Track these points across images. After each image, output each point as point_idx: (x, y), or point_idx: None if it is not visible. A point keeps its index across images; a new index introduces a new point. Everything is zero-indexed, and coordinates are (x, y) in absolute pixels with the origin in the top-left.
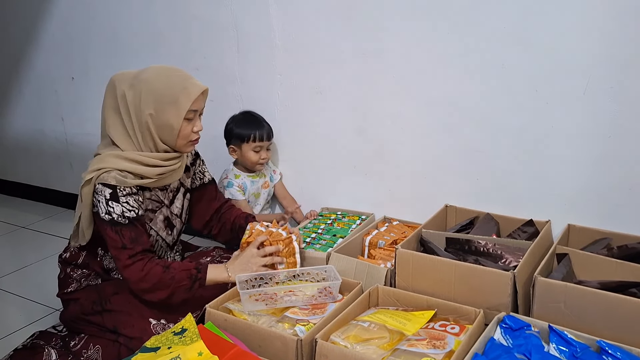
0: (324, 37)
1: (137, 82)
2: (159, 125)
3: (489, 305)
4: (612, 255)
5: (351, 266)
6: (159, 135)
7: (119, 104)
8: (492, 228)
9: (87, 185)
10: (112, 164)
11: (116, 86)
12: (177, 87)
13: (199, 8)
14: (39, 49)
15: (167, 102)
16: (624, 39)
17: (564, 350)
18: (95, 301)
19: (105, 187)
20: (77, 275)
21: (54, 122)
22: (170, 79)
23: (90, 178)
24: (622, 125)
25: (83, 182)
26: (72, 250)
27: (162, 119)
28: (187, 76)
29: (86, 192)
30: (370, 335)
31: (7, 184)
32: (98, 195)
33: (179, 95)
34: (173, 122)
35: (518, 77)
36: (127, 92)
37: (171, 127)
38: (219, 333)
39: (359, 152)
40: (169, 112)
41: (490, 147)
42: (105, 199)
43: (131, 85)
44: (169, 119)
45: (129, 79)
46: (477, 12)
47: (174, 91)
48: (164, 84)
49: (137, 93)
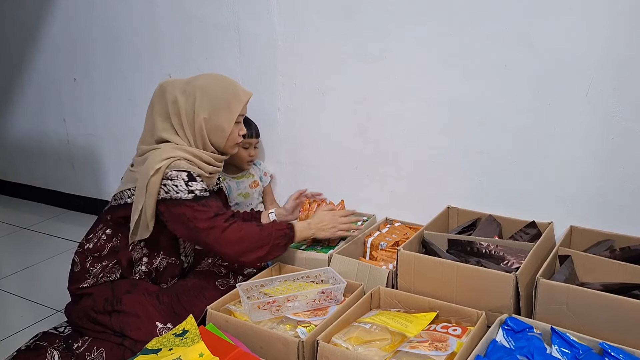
0: (326, 38)
1: (190, 88)
2: (211, 128)
3: (491, 307)
4: (615, 257)
5: (353, 268)
6: (210, 138)
7: (169, 109)
8: (495, 230)
9: (156, 174)
10: (179, 154)
11: (167, 92)
12: (229, 93)
13: (201, 9)
14: (40, 50)
15: (220, 106)
16: (626, 40)
17: (567, 353)
18: (107, 298)
19: (179, 171)
20: (96, 270)
21: (55, 123)
22: (222, 85)
23: (159, 167)
24: (625, 126)
25: (153, 172)
26: (98, 241)
27: (215, 122)
28: (236, 83)
29: (154, 182)
30: (372, 337)
31: (8, 185)
32: (174, 181)
33: (231, 101)
34: (225, 125)
35: (520, 78)
36: (179, 98)
37: (223, 130)
38: (220, 334)
39: (360, 153)
40: (222, 116)
41: (493, 149)
42: (184, 180)
43: (184, 91)
44: (222, 123)
45: (180, 86)
46: (479, 13)
47: (227, 96)
48: (218, 89)
49: (190, 98)
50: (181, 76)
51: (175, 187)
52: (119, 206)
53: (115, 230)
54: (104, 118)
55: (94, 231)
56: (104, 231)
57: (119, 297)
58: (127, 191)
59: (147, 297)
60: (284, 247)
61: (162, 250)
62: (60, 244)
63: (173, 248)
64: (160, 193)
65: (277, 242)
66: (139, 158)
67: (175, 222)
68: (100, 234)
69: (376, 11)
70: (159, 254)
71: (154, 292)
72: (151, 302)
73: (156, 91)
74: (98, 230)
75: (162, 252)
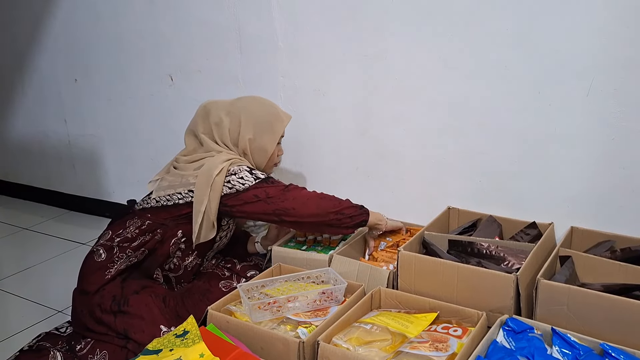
0: (327, 39)
1: (234, 109)
2: (255, 148)
3: (491, 307)
4: (616, 257)
5: (353, 268)
6: (253, 158)
7: (212, 129)
8: (495, 230)
9: (220, 174)
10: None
11: (211, 113)
12: (272, 115)
13: (202, 10)
14: (42, 50)
15: (264, 128)
16: (627, 41)
17: (567, 353)
18: (115, 296)
19: (241, 166)
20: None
21: (56, 124)
22: (265, 108)
23: (222, 167)
24: (626, 127)
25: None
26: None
27: (259, 143)
28: (277, 105)
29: (218, 181)
30: (373, 337)
31: (9, 185)
32: (238, 174)
33: (274, 123)
34: (268, 146)
35: (521, 79)
36: (224, 118)
37: (266, 150)
38: (221, 335)
39: (361, 154)
40: (265, 137)
41: (493, 149)
42: (247, 170)
43: (228, 112)
44: (265, 144)
45: (224, 107)
46: (480, 14)
47: (271, 119)
48: (261, 112)
49: (235, 119)
50: (182, 77)
51: (240, 180)
52: (166, 207)
53: (152, 227)
54: (105, 119)
55: (122, 227)
56: (139, 227)
57: (127, 296)
58: (177, 194)
59: (154, 299)
60: (358, 216)
61: (197, 251)
62: (62, 245)
63: (206, 250)
64: (224, 190)
65: (352, 206)
66: (191, 164)
67: (250, 206)
68: (133, 230)
69: (377, 12)
70: (192, 254)
71: (160, 295)
72: (157, 304)
73: (199, 111)
74: (130, 227)
75: (196, 252)
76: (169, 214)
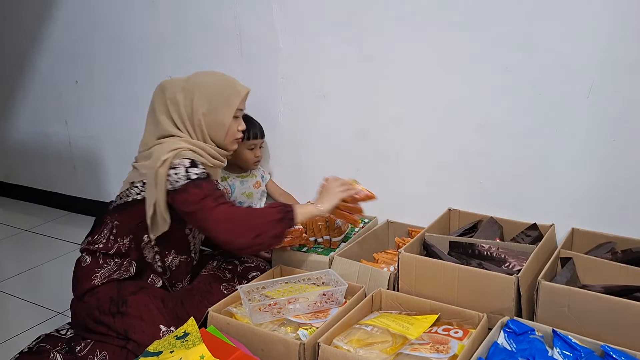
0: (327, 41)
1: (188, 85)
2: (210, 123)
3: (492, 309)
4: (617, 259)
5: (354, 270)
6: (210, 134)
7: (169, 107)
8: (496, 232)
9: (163, 166)
10: (185, 146)
11: (166, 91)
12: (228, 88)
13: (202, 12)
14: (43, 52)
15: (219, 101)
16: (628, 42)
17: (568, 355)
18: (113, 298)
19: (182, 159)
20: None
21: (57, 126)
22: (220, 81)
23: (165, 159)
24: (627, 128)
25: (160, 163)
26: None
27: (214, 117)
28: (234, 79)
29: (162, 174)
30: (374, 339)
31: (10, 187)
32: (176, 169)
33: (230, 95)
34: (224, 119)
35: (521, 81)
36: (179, 95)
37: (222, 124)
38: (221, 337)
39: (362, 156)
40: (220, 110)
41: (494, 151)
42: (185, 167)
43: (183, 88)
44: (220, 117)
45: (179, 84)
46: (480, 16)
47: (226, 91)
48: (216, 85)
49: (189, 95)
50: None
51: (176, 176)
52: (126, 204)
53: (122, 231)
54: (105, 120)
55: (98, 232)
56: (110, 232)
57: (125, 297)
58: (133, 188)
59: (153, 300)
60: (283, 225)
61: (173, 249)
62: (62, 246)
63: (184, 245)
64: (167, 185)
65: (273, 218)
66: (144, 153)
67: (181, 205)
68: (107, 235)
69: (377, 14)
70: (170, 253)
71: (159, 296)
72: (156, 305)
73: (156, 91)
74: (104, 231)
75: (174, 250)
76: (133, 210)
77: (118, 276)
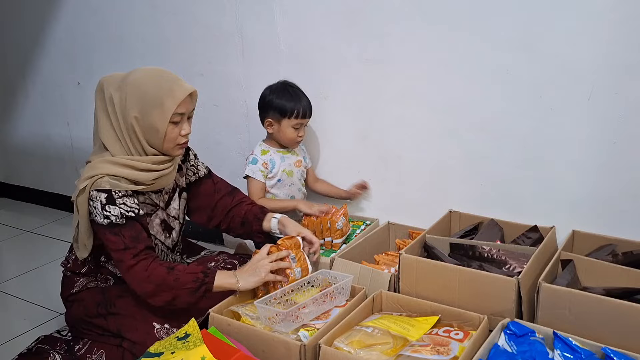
0: (328, 43)
1: (124, 84)
2: (144, 128)
3: (493, 311)
4: (617, 261)
5: (355, 271)
6: (146, 139)
7: (107, 106)
8: (497, 234)
9: (82, 194)
10: (105, 170)
11: (104, 89)
12: (163, 90)
13: (204, 14)
14: (45, 54)
15: (152, 104)
16: (629, 45)
17: (569, 357)
18: (99, 303)
19: (100, 192)
20: (83, 280)
21: (59, 127)
22: (156, 81)
23: (84, 187)
24: (627, 131)
25: (77, 191)
26: (73, 261)
27: (147, 122)
28: (175, 78)
29: (81, 201)
30: (374, 340)
31: (12, 188)
32: (94, 202)
33: (165, 98)
34: (158, 125)
35: (522, 83)
36: (114, 95)
37: (157, 130)
38: (223, 338)
39: (363, 158)
40: (154, 115)
41: (495, 153)
42: (102, 203)
43: (118, 87)
44: (154, 122)
45: (117, 82)
46: (482, 18)
47: (160, 94)
48: (150, 86)
49: (123, 95)
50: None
51: (95, 210)
52: None
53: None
54: None
55: (69, 250)
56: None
57: (112, 300)
58: None
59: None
60: (194, 293)
61: None
62: (64, 247)
63: None
64: (90, 212)
65: (185, 287)
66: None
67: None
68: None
69: (378, 16)
70: None
71: None
72: (145, 303)
73: (97, 88)
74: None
75: None
76: None
77: (96, 285)
